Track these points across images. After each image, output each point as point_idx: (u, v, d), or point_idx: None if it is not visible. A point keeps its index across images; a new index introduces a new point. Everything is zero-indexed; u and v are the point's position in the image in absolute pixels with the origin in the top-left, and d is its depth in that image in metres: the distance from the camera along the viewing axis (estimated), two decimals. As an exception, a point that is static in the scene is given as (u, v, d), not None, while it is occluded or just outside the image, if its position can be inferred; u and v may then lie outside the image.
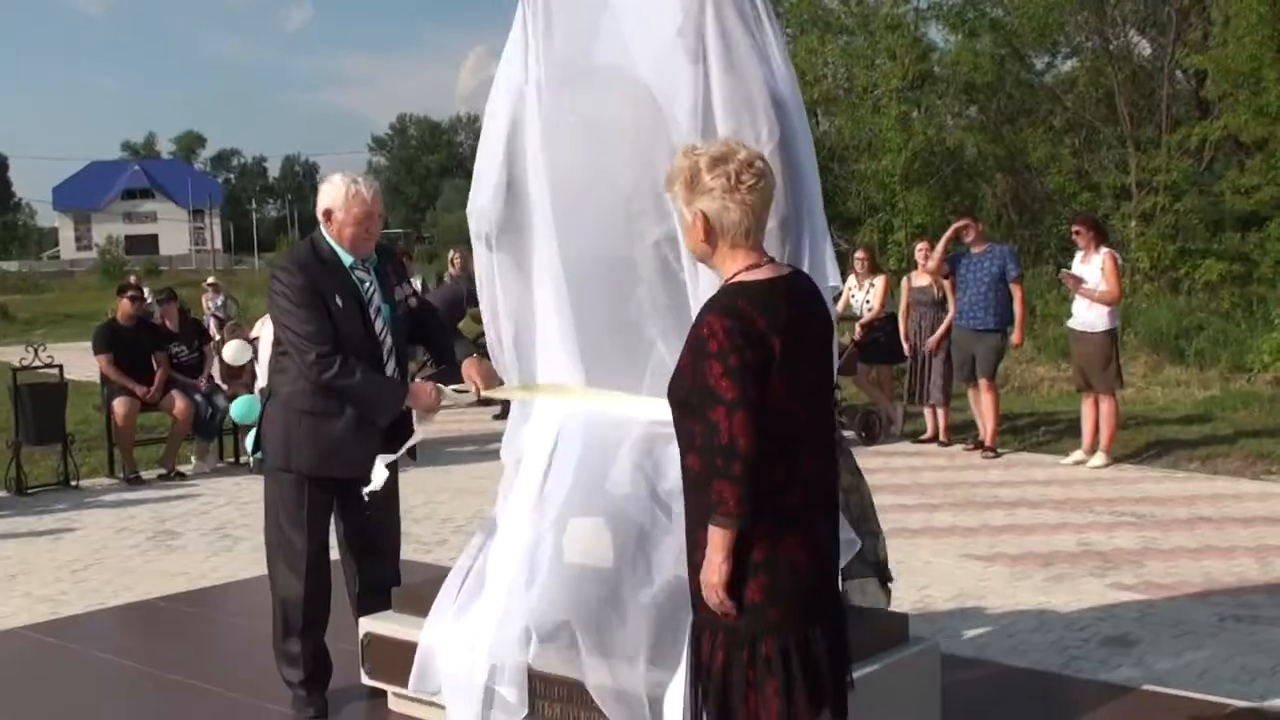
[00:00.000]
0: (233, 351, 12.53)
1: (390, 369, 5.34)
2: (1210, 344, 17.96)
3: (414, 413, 5.34)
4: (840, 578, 3.74)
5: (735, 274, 3.48)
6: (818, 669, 3.43)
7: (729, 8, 4.51)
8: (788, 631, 3.41)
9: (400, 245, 28.03)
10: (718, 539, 3.37)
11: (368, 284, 5.34)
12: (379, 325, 5.32)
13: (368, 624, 5.37)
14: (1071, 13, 27.30)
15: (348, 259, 5.30)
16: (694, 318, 4.41)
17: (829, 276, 4.42)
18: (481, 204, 5.11)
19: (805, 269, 4.04)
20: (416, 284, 10.54)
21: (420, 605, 5.24)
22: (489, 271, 5.25)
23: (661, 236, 4.57)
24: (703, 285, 4.38)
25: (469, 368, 5.28)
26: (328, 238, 5.31)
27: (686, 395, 3.46)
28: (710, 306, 3.46)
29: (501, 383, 5.27)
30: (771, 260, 3.55)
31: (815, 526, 3.48)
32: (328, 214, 5.30)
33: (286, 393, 5.30)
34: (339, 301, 5.20)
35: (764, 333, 3.35)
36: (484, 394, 5.35)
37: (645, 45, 4.66)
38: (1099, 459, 11.11)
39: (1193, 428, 12.77)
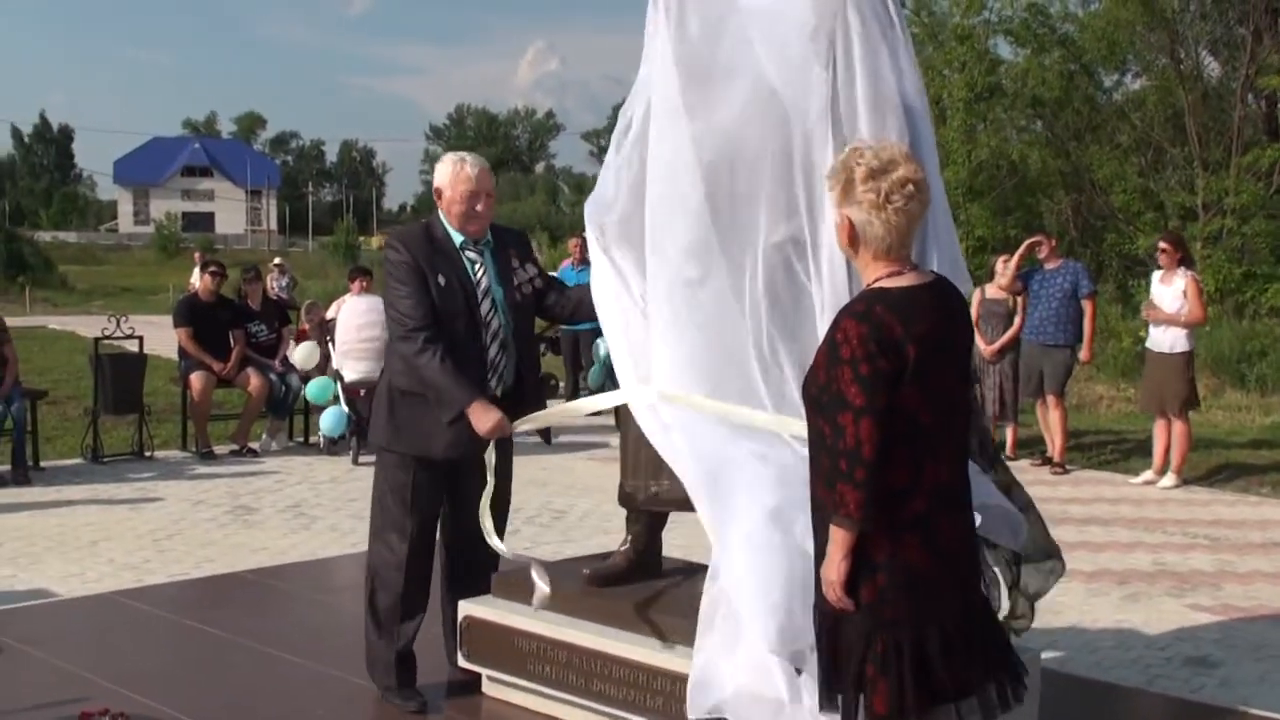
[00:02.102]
0: (303, 355, 12.59)
1: (494, 351, 5.32)
2: (1273, 369, 17.84)
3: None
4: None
5: (877, 279, 3.55)
6: (930, 668, 3.49)
7: (867, 13, 4.55)
8: (901, 630, 3.47)
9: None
10: (838, 538, 3.45)
11: (478, 265, 5.35)
12: (485, 307, 5.33)
13: (467, 608, 5.44)
14: (1142, 32, 27.17)
15: (458, 238, 5.35)
16: (815, 321, 4.49)
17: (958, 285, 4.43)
18: (604, 195, 5.11)
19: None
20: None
21: (518, 591, 5.32)
22: (604, 268, 5.21)
23: (785, 237, 4.59)
24: (827, 291, 4.42)
25: None
26: (442, 218, 5.40)
27: (818, 394, 3.53)
28: (847, 311, 3.53)
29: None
30: (915, 267, 3.60)
31: (937, 531, 3.52)
32: (438, 193, 5.41)
33: (397, 369, 5.34)
34: (441, 280, 5.23)
35: (899, 340, 3.41)
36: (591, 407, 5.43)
37: (774, 46, 4.69)
38: (1169, 480, 11.09)
39: (1262, 453, 12.71)
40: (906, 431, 3.43)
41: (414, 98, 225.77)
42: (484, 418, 5.10)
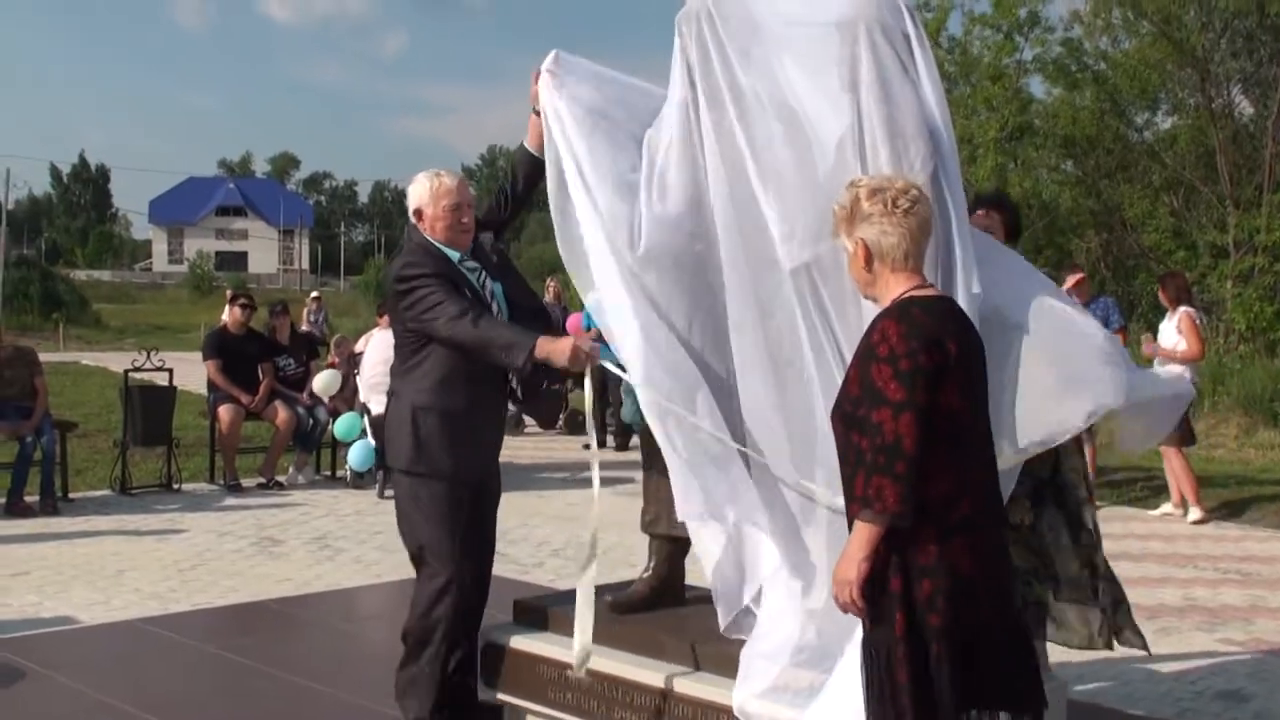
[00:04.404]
0: (324, 383, 12.67)
1: None
2: (1307, 409, 17.68)
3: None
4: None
5: (903, 293, 3.54)
6: (968, 678, 3.44)
7: (883, 37, 4.55)
8: (946, 638, 3.42)
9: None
10: (864, 535, 3.39)
11: (479, 273, 5.25)
12: (494, 310, 5.25)
13: (487, 634, 5.42)
14: (1173, 71, 27.16)
15: (453, 254, 5.20)
16: (820, 349, 4.46)
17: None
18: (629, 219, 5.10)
19: (958, 298, 4.06)
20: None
21: (538, 618, 5.31)
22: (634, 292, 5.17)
23: (800, 265, 4.57)
24: (850, 312, 4.40)
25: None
26: (428, 238, 5.21)
27: (853, 409, 3.50)
28: (884, 314, 3.53)
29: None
30: (933, 285, 3.61)
31: (982, 535, 3.49)
32: (418, 214, 5.21)
33: (415, 389, 5.16)
34: (467, 293, 5.12)
35: (941, 337, 3.42)
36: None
37: (796, 71, 4.70)
38: (1195, 513, 11.03)
39: (1295, 491, 12.59)
40: (951, 431, 3.42)
41: (446, 138, 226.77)
42: (558, 346, 4.85)
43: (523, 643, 5.28)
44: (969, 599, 3.44)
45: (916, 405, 3.34)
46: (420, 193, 5.24)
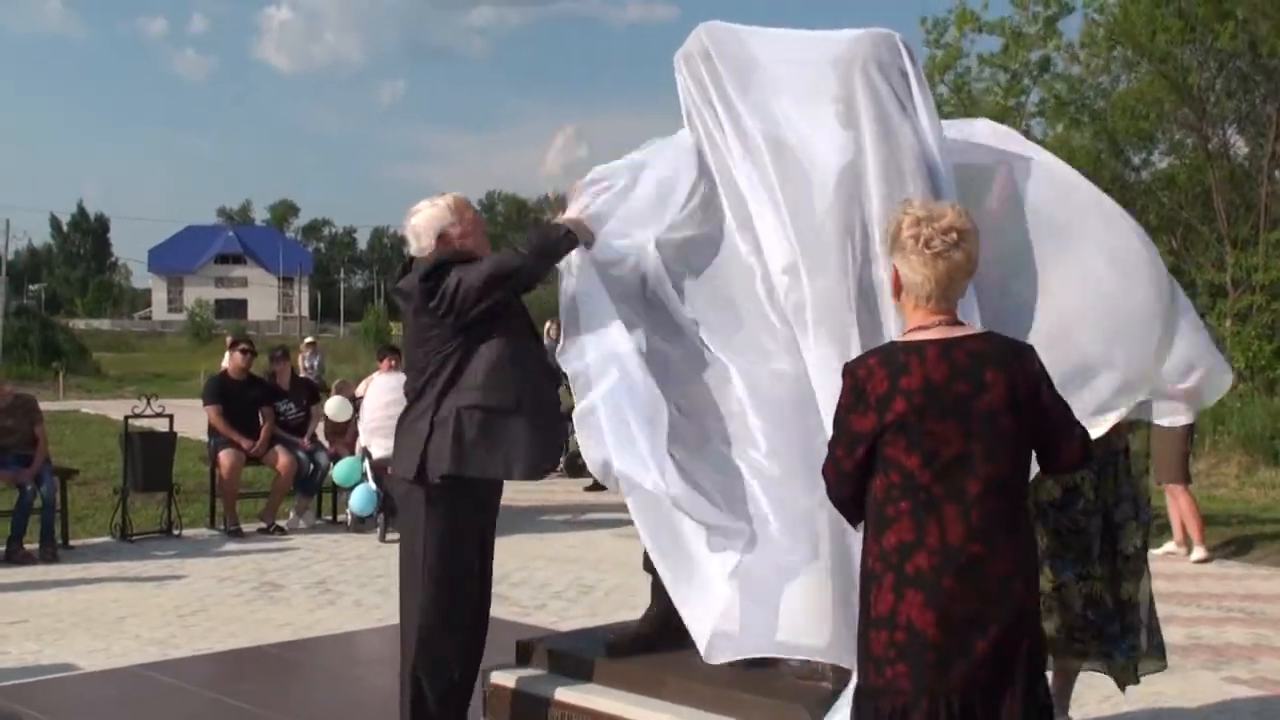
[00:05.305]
0: (335, 407, 12.74)
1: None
2: (1308, 448, 17.64)
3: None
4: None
5: (905, 331, 3.59)
6: None
7: (880, 74, 4.58)
8: (894, 696, 3.41)
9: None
10: None
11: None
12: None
13: (490, 675, 5.39)
14: (1171, 110, 27.25)
15: None
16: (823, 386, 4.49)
17: None
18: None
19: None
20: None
21: (540, 660, 5.29)
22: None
23: (802, 300, 4.58)
24: (812, 351, 4.42)
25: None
26: None
27: None
28: (849, 361, 3.66)
29: None
30: (947, 323, 3.54)
31: (944, 592, 3.38)
32: (446, 237, 5.03)
33: (454, 392, 4.90)
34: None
35: (885, 395, 3.44)
36: None
37: (794, 110, 4.73)
38: (1198, 552, 11.00)
39: (1298, 529, 12.55)
40: (902, 484, 3.42)
41: (445, 184, 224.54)
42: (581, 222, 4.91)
43: (526, 684, 5.26)
44: (922, 659, 3.38)
45: (834, 458, 3.58)
46: (439, 215, 5.07)
